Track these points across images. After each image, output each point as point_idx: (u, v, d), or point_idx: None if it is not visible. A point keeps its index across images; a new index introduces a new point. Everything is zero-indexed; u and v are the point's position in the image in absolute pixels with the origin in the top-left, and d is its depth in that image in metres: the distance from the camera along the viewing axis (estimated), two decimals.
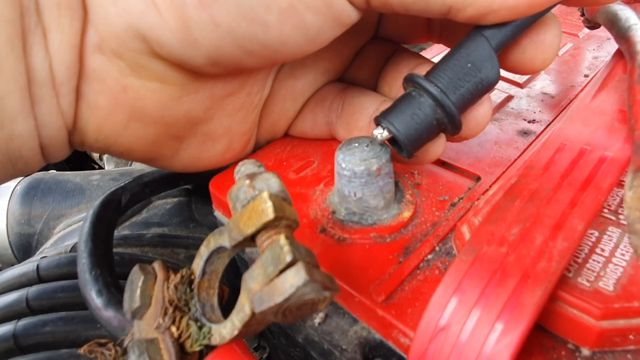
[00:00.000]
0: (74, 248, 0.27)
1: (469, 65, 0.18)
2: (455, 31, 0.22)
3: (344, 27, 0.19)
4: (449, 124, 0.19)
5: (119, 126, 0.21)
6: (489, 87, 0.19)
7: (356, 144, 0.20)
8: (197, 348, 0.15)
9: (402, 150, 0.19)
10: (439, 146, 0.21)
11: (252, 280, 0.14)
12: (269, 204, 0.14)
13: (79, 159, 0.66)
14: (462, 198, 0.22)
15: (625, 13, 0.25)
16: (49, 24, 0.17)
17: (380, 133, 0.19)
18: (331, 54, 0.24)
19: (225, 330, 0.15)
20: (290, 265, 0.13)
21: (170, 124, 0.22)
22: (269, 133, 0.26)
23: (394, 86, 0.23)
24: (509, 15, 0.17)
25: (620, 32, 0.24)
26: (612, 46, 0.36)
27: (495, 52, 0.18)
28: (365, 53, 0.25)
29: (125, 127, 0.21)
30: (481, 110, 0.20)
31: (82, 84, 0.19)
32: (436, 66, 0.19)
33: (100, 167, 0.63)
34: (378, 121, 0.19)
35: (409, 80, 0.19)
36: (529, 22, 0.18)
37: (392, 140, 0.19)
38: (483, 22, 0.17)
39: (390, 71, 0.23)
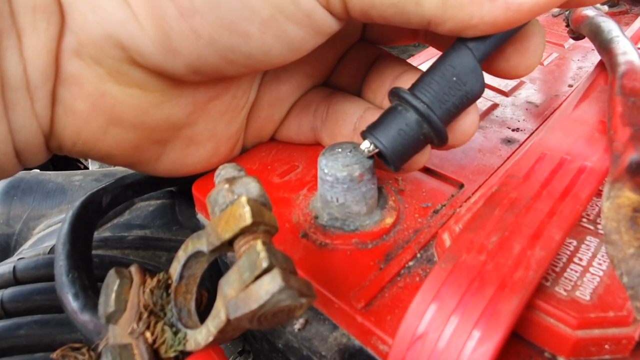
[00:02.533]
0: (52, 249, 0.26)
1: (454, 79, 0.18)
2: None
3: (325, 36, 0.19)
4: (436, 137, 0.19)
5: (98, 131, 0.20)
6: (473, 99, 0.19)
7: (339, 150, 0.20)
8: (172, 354, 0.15)
9: (389, 164, 0.19)
10: (424, 155, 0.21)
11: (228, 286, 0.14)
12: (247, 208, 0.14)
13: (63, 159, 0.65)
14: (444, 205, 0.22)
15: (608, 25, 0.25)
16: (24, 27, 0.17)
17: (367, 147, 0.19)
18: (315, 58, 0.24)
19: (200, 336, 0.15)
20: (266, 271, 0.13)
21: (151, 129, 0.21)
22: (255, 137, 0.26)
23: (379, 93, 0.23)
24: (488, 30, 0.17)
25: (602, 44, 0.24)
26: (597, 57, 0.36)
27: (480, 63, 0.18)
28: (350, 57, 0.25)
29: (104, 132, 0.20)
30: (467, 120, 0.20)
31: (58, 88, 0.19)
32: (421, 79, 0.19)
33: (85, 168, 0.62)
34: (365, 136, 0.19)
35: (395, 94, 0.19)
36: (512, 32, 0.18)
37: (379, 154, 0.19)
38: (464, 35, 0.17)
39: (374, 78, 0.23)
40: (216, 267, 0.26)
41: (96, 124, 0.20)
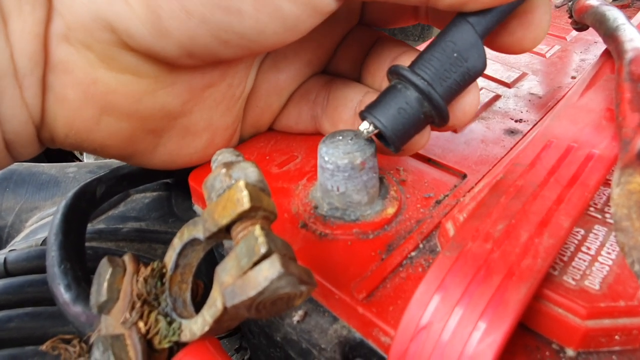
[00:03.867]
0: (45, 241, 0.26)
1: (455, 55, 0.18)
2: (442, 11, 0.22)
3: (323, 16, 0.18)
4: (437, 116, 0.18)
5: (91, 121, 0.20)
6: (475, 76, 0.18)
7: (340, 137, 0.20)
8: (166, 345, 0.14)
9: (389, 145, 0.19)
10: (424, 137, 0.20)
11: (225, 273, 0.13)
12: (245, 193, 0.14)
13: (58, 152, 0.64)
14: (447, 195, 0.22)
15: (613, 13, 0.24)
16: (9, 11, 0.17)
17: (367, 128, 0.19)
18: (314, 45, 0.24)
19: (195, 326, 0.14)
20: (265, 257, 0.13)
21: (145, 118, 0.21)
22: (253, 128, 0.26)
23: (377, 76, 0.23)
24: (489, 3, 0.16)
25: (608, 32, 0.24)
26: (599, 49, 0.36)
27: (481, 38, 0.18)
28: (348, 42, 0.25)
29: (97, 122, 0.20)
30: (468, 99, 0.19)
31: (48, 75, 0.18)
32: (421, 56, 0.18)
33: (80, 161, 0.61)
34: (363, 116, 0.19)
35: (394, 72, 0.19)
36: (514, 5, 0.18)
37: (379, 135, 0.19)
38: (465, 10, 0.17)
39: (373, 61, 0.23)
40: (212, 259, 0.26)
41: (88, 113, 0.19)
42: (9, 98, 0.17)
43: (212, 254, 0.26)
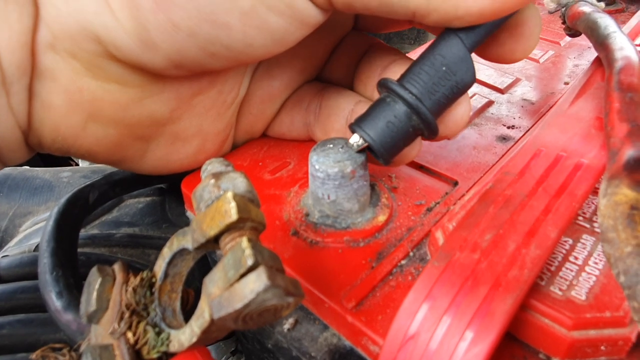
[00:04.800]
0: (38, 247, 0.26)
1: (444, 68, 0.18)
2: None
3: (310, 28, 0.18)
4: (426, 129, 0.18)
5: (77, 127, 0.20)
6: (464, 89, 0.18)
7: (331, 145, 0.20)
8: (154, 355, 0.14)
9: (378, 158, 0.19)
10: (414, 149, 0.20)
11: (212, 285, 0.13)
12: (233, 204, 0.14)
13: (53, 156, 0.64)
14: (438, 203, 0.22)
15: (605, 21, 0.25)
16: None
17: (357, 142, 0.19)
18: (307, 52, 0.24)
19: (184, 336, 0.14)
20: (251, 269, 0.13)
21: (133, 125, 0.21)
22: (246, 134, 0.26)
23: (369, 85, 0.23)
24: (475, 20, 0.16)
25: (599, 40, 0.24)
26: (593, 54, 0.36)
27: (470, 52, 0.18)
28: (342, 49, 0.25)
29: (83, 128, 0.20)
30: (459, 110, 0.19)
31: (35, 82, 0.18)
32: (410, 70, 0.18)
33: (76, 165, 0.61)
34: (353, 129, 0.19)
35: (383, 85, 0.19)
36: (503, 20, 0.18)
37: (369, 147, 0.19)
38: (452, 26, 0.17)
39: (364, 69, 0.23)
40: (206, 264, 0.26)
41: (74, 119, 0.19)
42: None
43: (206, 259, 0.26)
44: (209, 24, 0.17)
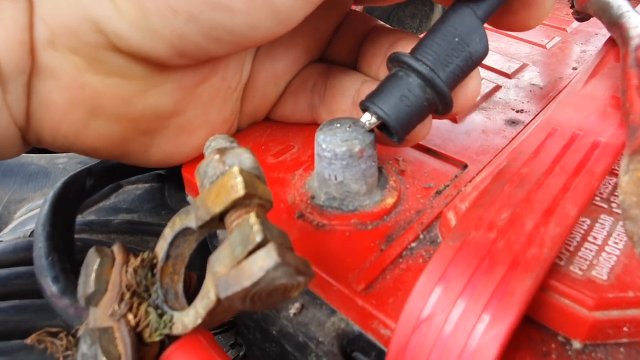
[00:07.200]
0: (33, 233, 0.25)
1: (457, 39, 0.17)
2: None
3: (314, 5, 0.17)
4: (440, 103, 0.18)
5: (79, 124, 0.19)
6: (478, 61, 0.18)
7: (338, 125, 0.19)
8: (156, 338, 0.14)
9: (392, 135, 0.18)
10: (426, 126, 0.19)
11: (218, 263, 0.13)
12: (240, 179, 0.13)
13: None
14: (448, 185, 0.21)
15: (617, 1, 0.24)
16: None
17: (369, 120, 0.18)
18: (309, 30, 0.23)
19: (187, 318, 0.13)
20: (260, 246, 0.12)
21: (136, 120, 0.20)
22: (250, 118, 0.25)
23: (374, 64, 0.22)
24: None
25: (612, 20, 0.23)
26: (600, 41, 0.35)
27: (482, 21, 0.17)
28: (344, 28, 0.24)
29: (85, 125, 0.19)
30: (470, 84, 0.19)
31: (34, 80, 0.18)
32: (421, 42, 0.18)
33: None
34: (365, 106, 0.18)
35: (394, 59, 0.18)
36: None
37: (381, 126, 0.18)
38: None
39: (369, 48, 0.22)
40: (205, 250, 0.25)
41: (76, 116, 0.19)
42: None
43: (205, 245, 0.25)
44: (209, 6, 0.16)
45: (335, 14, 0.24)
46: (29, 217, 0.28)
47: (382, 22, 0.24)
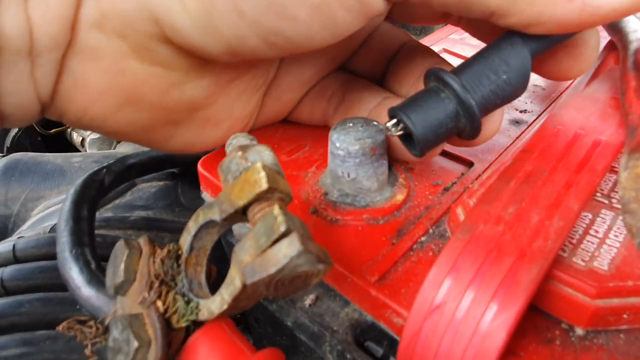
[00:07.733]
0: (53, 229, 0.26)
1: (505, 77, 0.16)
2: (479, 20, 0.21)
3: (370, 19, 0.18)
4: (469, 129, 0.17)
5: (110, 109, 0.19)
6: (513, 99, 0.17)
7: (351, 124, 0.20)
8: (184, 324, 0.15)
9: (414, 148, 0.18)
10: (440, 147, 0.20)
11: (244, 252, 0.13)
12: (263, 174, 0.14)
13: (60, 145, 0.64)
14: (455, 183, 0.22)
15: None
16: None
17: (395, 127, 0.18)
18: (342, 41, 0.23)
19: (214, 305, 0.14)
20: (284, 235, 0.13)
21: (168, 110, 0.20)
22: (266, 120, 0.25)
23: (406, 82, 0.22)
24: (555, 30, 0.16)
25: (612, 24, 0.24)
26: (601, 43, 0.36)
27: (532, 58, 0.17)
28: (373, 40, 0.24)
29: (116, 110, 0.19)
30: (495, 117, 0.19)
31: (69, 58, 0.18)
32: (465, 64, 0.17)
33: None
34: (394, 114, 0.18)
35: (434, 75, 0.18)
36: (569, 36, 0.17)
37: (404, 137, 0.18)
38: (526, 31, 0.16)
39: (402, 66, 0.22)
40: (219, 247, 0.26)
41: (109, 101, 0.19)
42: (17, 73, 0.17)
43: (219, 243, 0.26)
44: (276, 15, 0.16)
45: (369, 26, 0.24)
46: (47, 214, 0.29)
47: (412, 37, 0.24)
